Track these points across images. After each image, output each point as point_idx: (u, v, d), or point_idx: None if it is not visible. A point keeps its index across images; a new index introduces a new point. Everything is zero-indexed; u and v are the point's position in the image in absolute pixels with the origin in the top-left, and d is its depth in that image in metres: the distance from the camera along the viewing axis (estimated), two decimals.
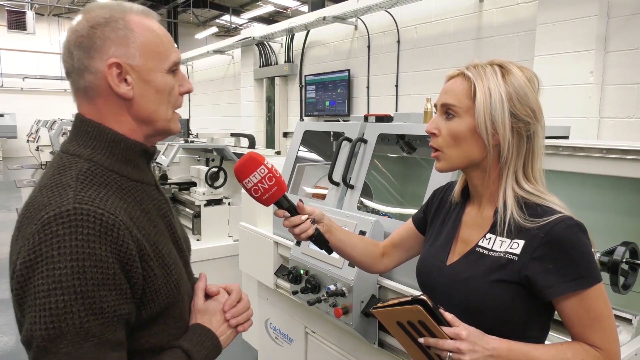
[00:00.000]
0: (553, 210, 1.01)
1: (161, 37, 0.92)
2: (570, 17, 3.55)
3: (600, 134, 3.62)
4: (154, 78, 0.90)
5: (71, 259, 0.75)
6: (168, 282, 0.90)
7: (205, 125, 9.69)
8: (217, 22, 18.57)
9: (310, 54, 6.87)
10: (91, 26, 0.87)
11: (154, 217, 0.94)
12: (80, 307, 0.76)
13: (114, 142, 0.90)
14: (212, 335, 0.99)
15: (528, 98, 1.03)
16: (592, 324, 0.97)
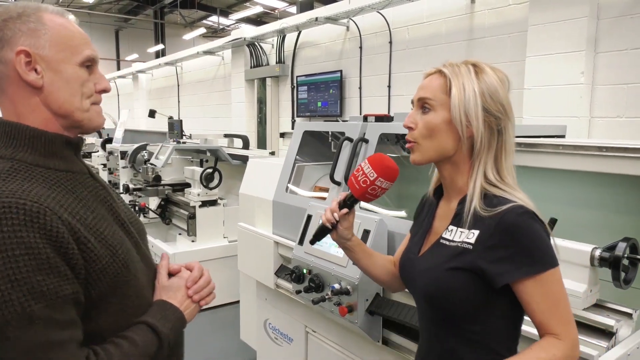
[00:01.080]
0: (507, 201, 1.04)
1: (74, 33, 0.96)
2: (561, 19, 3.61)
3: (591, 134, 3.69)
4: (64, 69, 0.94)
5: (0, 250, 0.78)
6: (115, 261, 0.93)
7: (194, 126, 9.63)
8: (204, 23, 18.49)
9: (301, 55, 6.87)
10: (4, 20, 0.91)
11: (91, 203, 0.97)
12: (19, 294, 0.78)
13: (34, 138, 0.92)
14: (175, 309, 1.04)
15: (499, 94, 1.09)
16: (550, 310, 1.00)
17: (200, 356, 3.45)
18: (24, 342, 0.78)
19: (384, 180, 1.18)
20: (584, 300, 1.56)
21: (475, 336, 1.09)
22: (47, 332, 0.80)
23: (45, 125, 0.95)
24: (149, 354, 0.95)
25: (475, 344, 1.09)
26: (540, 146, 1.83)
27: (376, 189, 1.18)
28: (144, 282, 1.04)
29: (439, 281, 1.08)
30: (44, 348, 0.80)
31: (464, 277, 1.05)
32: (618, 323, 1.55)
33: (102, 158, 6.21)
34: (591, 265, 1.55)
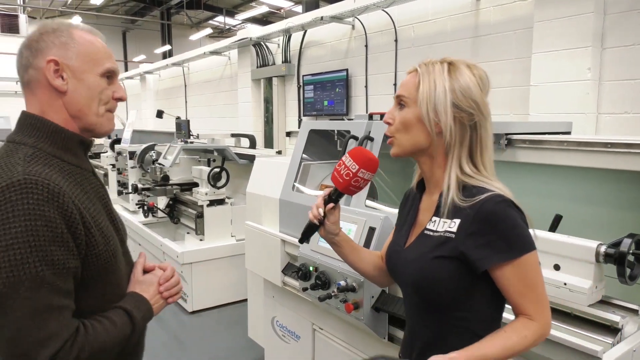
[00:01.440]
0: (486, 190, 1.09)
1: (99, 48, 1.10)
2: (566, 15, 3.59)
3: (598, 130, 3.67)
4: (87, 78, 1.07)
5: (24, 219, 0.90)
6: (107, 250, 1.07)
7: (201, 126, 9.68)
8: (210, 24, 18.55)
9: (307, 54, 6.89)
10: (41, 33, 1.06)
11: (92, 197, 1.10)
12: (35, 259, 0.90)
13: (55, 133, 1.06)
14: (146, 301, 1.17)
15: (471, 91, 1.12)
16: (526, 293, 1.06)
17: (209, 354, 3.48)
18: (32, 301, 0.89)
19: (365, 172, 1.23)
20: (589, 297, 1.56)
21: (460, 322, 1.14)
22: (52, 297, 0.92)
23: (64, 125, 1.08)
24: (124, 335, 1.07)
25: (460, 329, 1.13)
26: (544, 143, 1.84)
27: (359, 181, 1.23)
28: (124, 274, 1.18)
29: (425, 270, 1.13)
30: (47, 310, 0.91)
31: (449, 265, 1.10)
32: (624, 319, 1.55)
33: (111, 158, 6.26)
34: (596, 262, 1.56)
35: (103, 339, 1.01)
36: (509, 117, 4.34)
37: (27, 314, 0.89)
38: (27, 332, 0.89)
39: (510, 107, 4.33)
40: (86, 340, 0.97)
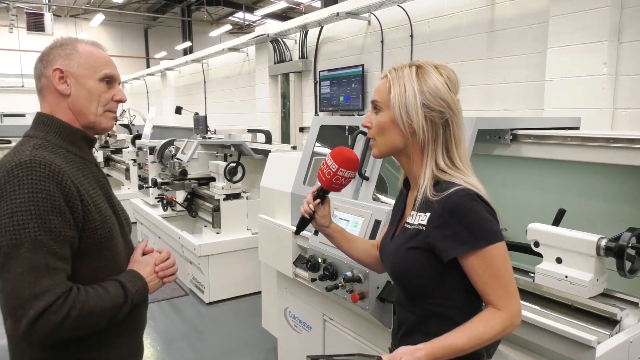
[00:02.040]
0: (454, 185, 1.15)
1: (98, 57, 1.27)
2: (582, 9, 3.56)
3: (615, 125, 3.63)
4: (87, 83, 1.24)
5: (27, 191, 1.05)
6: (103, 225, 1.21)
7: (220, 122, 9.81)
8: (230, 20, 18.69)
9: (324, 50, 6.93)
10: (51, 48, 1.25)
11: (93, 183, 1.25)
12: (35, 225, 1.04)
13: (63, 129, 1.23)
14: (141, 278, 1.29)
15: (439, 91, 1.19)
16: (491, 283, 1.10)
17: (224, 343, 3.58)
18: (30, 260, 1.03)
19: (345, 170, 1.34)
20: (590, 289, 1.59)
21: (439, 309, 1.20)
22: (48, 258, 1.05)
23: (70, 123, 1.26)
24: (117, 304, 1.18)
25: (440, 316, 1.20)
26: (549, 138, 1.86)
27: (340, 179, 1.35)
28: (121, 252, 1.31)
29: (401, 260, 1.22)
30: (43, 269, 1.04)
31: (420, 255, 1.18)
32: (623, 311, 1.58)
33: (132, 153, 6.42)
34: (597, 255, 1.58)
35: (94, 302, 1.12)
36: (523, 112, 4.32)
37: (25, 270, 1.02)
38: (25, 286, 1.01)
39: (525, 102, 4.32)
40: (77, 300, 1.08)
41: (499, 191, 2.38)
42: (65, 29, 17.73)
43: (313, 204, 1.39)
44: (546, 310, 1.72)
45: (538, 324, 1.46)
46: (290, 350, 2.89)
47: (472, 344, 1.10)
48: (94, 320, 1.13)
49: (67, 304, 1.05)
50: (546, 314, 1.66)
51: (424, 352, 1.09)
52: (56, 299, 1.04)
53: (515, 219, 2.04)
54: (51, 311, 1.03)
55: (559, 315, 1.67)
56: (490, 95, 4.64)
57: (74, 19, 17.72)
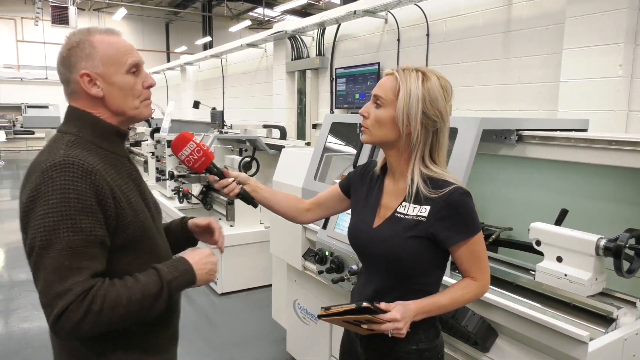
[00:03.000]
0: (449, 183, 1.31)
1: (118, 48, 1.22)
2: (599, 10, 3.55)
3: (629, 128, 3.61)
4: (116, 80, 1.22)
5: (60, 192, 1.07)
6: (136, 220, 1.21)
7: (238, 117, 9.93)
8: (250, 15, 18.82)
9: (340, 47, 6.97)
10: (68, 49, 1.20)
11: (125, 177, 1.25)
12: (65, 226, 1.06)
13: (95, 124, 1.23)
14: (186, 262, 1.24)
15: (438, 102, 1.31)
16: (474, 262, 1.33)
17: (235, 333, 3.67)
18: (56, 261, 1.05)
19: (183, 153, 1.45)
20: (589, 288, 1.63)
21: (421, 286, 1.36)
22: (74, 258, 1.07)
23: (109, 120, 1.25)
24: (150, 292, 1.15)
25: (419, 291, 1.34)
26: (553, 139, 1.89)
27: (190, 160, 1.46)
28: (160, 244, 1.31)
29: (401, 248, 1.32)
30: (68, 269, 1.06)
31: (420, 243, 1.33)
32: (619, 310, 1.61)
33: (150, 146, 6.55)
34: (596, 255, 1.62)
35: (117, 294, 1.10)
36: (537, 112, 4.32)
37: (51, 270, 1.05)
38: (51, 285, 1.05)
39: (539, 103, 4.31)
40: (97, 295, 1.07)
41: (504, 190, 2.42)
42: (89, 22, 18.07)
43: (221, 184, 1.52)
44: (545, 307, 1.76)
45: (535, 319, 1.50)
46: (299, 341, 2.97)
47: (452, 304, 1.34)
48: (120, 312, 1.10)
49: (86, 300, 1.06)
50: (545, 311, 1.70)
51: (414, 305, 1.29)
52: (76, 297, 1.05)
53: (519, 217, 2.08)
54: (71, 309, 1.04)
55: (558, 313, 1.71)
56: (505, 95, 4.64)
57: (98, 12, 18.05)
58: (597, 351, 1.40)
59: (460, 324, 1.63)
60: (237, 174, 1.55)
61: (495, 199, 2.42)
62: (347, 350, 1.56)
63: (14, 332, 3.55)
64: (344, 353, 1.58)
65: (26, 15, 17.40)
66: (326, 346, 2.64)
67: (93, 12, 17.90)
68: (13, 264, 5.13)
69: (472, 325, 1.63)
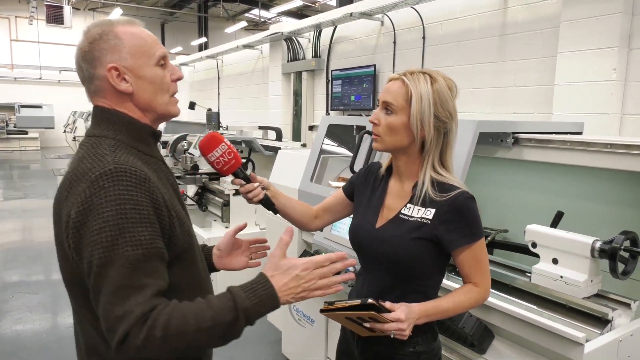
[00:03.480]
0: (455, 187, 1.32)
1: (145, 39, 1.13)
2: (594, 14, 3.58)
3: (622, 131, 3.65)
4: (145, 72, 1.11)
5: (115, 203, 0.96)
6: (182, 231, 1.11)
7: (234, 118, 9.92)
8: (246, 16, 18.82)
9: (337, 49, 6.99)
10: (90, 42, 1.08)
11: (165, 183, 1.14)
12: (123, 240, 0.95)
13: (130, 125, 1.12)
14: (269, 287, 1.04)
15: (448, 103, 1.32)
16: (476, 267, 1.33)
17: None
18: (117, 280, 0.94)
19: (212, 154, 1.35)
20: (584, 290, 1.64)
21: (420, 287, 1.36)
22: (134, 276, 0.95)
23: (138, 118, 1.14)
24: (222, 321, 0.99)
25: (418, 293, 1.35)
26: (549, 142, 1.91)
27: (220, 162, 1.37)
28: (198, 255, 1.21)
29: (404, 248, 1.34)
30: (128, 288, 0.94)
31: (424, 245, 1.33)
32: (614, 312, 1.62)
33: None
34: (592, 257, 1.63)
35: (183, 321, 0.96)
36: (532, 115, 4.35)
37: (111, 291, 0.94)
38: (111, 309, 0.93)
39: (534, 106, 4.34)
40: (158, 320, 0.94)
41: (500, 193, 2.43)
42: (84, 22, 18.00)
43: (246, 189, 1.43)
44: (541, 309, 1.77)
45: (531, 321, 1.51)
46: (294, 343, 2.96)
47: (454, 308, 1.32)
48: (187, 339, 0.96)
49: (146, 325, 0.93)
50: (541, 312, 1.71)
51: (417, 307, 1.27)
52: (136, 321, 0.93)
53: (515, 220, 2.10)
54: (132, 334, 0.93)
55: (553, 314, 1.72)
56: (500, 98, 4.66)
57: (93, 12, 17.99)
58: (593, 352, 1.41)
59: (457, 325, 1.64)
60: (261, 178, 1.49)
61: (491, 201, 2.43)
62: (344, 352, 1.56)
63: (7, 335, 3.53)
64: (341, 354, 1.59)
65: (20, 15, 17.31)
66: (322, 348, 2.64)
67: (88, 12, 17.84)
68: (6, 265, 5.09)
69: (469, 327, 1.64)
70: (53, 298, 4.21)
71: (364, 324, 1.24)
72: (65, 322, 3.70)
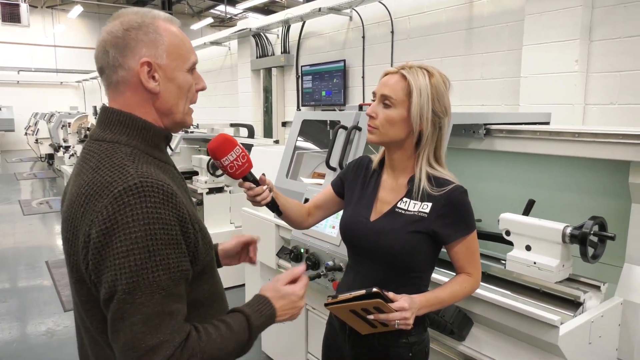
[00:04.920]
0: (449, 182, 1.36)
1: (183, 41, 1.06)
2: (556, 8, 3.69)
3: (586, 120, 3.78)
4: (177, 76, 1.04)
5: (143, 223, 0.87)
6: (205, 243, 1.04)
7: (202, 116, 9.79)
8: (212, 13, 18.55)
9: (306, 45, 6.98)
10: (125, 29, 0.99)
11: (182, 191, 1.05)
12: (153, 264, 0.88)
13: (145, 130, 1.02)
14: (270, 308, 1.10)
15: (444, 98, 1.35)
16: (468, 258, 1.38)
17: None
18: (146, 307, 0.87)
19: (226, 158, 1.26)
20: (557, 274, 1.70)
21: (413, 280, 1.39)
22: (165, 302, 0.89)
23: (152, 122, 1.05)
24: (241, 341, 1.01)
25: (411, 285, 1.38)
26: (519, 132, 1.96)
27: (233, 166, 1.28)
28: (214, 262, 1.17)
29: (401, 242, 1.36)
30: (159, 316, 0.88)
31: (421, 238, 1.35)
32: (586, 294, 1.69)
33: None
34: (563, 242, 1.69)
35: (216, 346, 0.96)
36: (500, 107, 4.45)
37: (140, 319, 0.87)
38: (141, 338, 0.87)
39: (502, 98, 4.45)
40: (198, 346, 0.92)
41: (473, 183, 2.48)
42: (42, 20, 17.40)
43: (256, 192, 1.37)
44: (516, 294, 1.83)
45: (508, 306, 1.55)
46: (274, 339, 2.96)
47: (452, 298, 1.37)
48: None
49: (185, 353, 0.90)
50: (516, 298, 1.77)
51: (418, 298, 1.30)
52: (174, 350, 0.88)
53: (489, 209, 2.14)
54: None
55: (528, 299, 1.78)
56: (468, 91, 4.76)
57: (51, 10, 17.39)
58: (567, 334, 1.46)
59: (437, 314, 1.67)
60: (269, 180, 1.44)
61: None
62: (330, 346, 1.57)
63: None
64: (327, 349, 1.59)
65: None
66: (302, 345, 2.64)
67: (46, 10, 17.23)
68: None
69: (449, 315, 1.67)
70: (22, 306, 4.08)
71: (368, 316, 1.24)
72: (37, 331, 3.60)
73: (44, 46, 17.56)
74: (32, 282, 4.67)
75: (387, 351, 1.41)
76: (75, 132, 9.04)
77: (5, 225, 6.88)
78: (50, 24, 17.48)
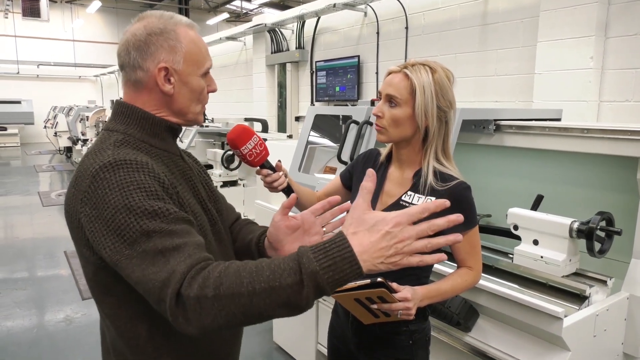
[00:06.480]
0: (454, 177, 1.39)
1: (200, 48, 1.12)
2: (572, 4, 3.67)
3: (600, 117, 3.76)
4: (191, 80, 1.10)
5: (119, 188, 0.94)
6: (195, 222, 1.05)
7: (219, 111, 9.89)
8: (227, 8, 18.65)
9: (320, 41, 7.01)
10: (148, 33, 1.06)
11: (179, 177, 1.12)
12: (136, 217, 0.92)
13: (143, 119, 1.10)
14: (345, 247, 0.81)
15: (448, 93, 1.38)
16: (471, 252, 1.41)
17: None
18: (147, 253, 0.90)
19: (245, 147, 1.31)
20: (563, 269, 1.72)
21: (414, 271, 1.41)
22: (163, 241, 0.91)
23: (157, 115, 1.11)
24: (283, 284, 0.81)
25: (412, 276, 1.41)
26: (529, 128, 1.98)
27: (252, 154, 1.33)
28: (217, 251, 1.13)
29: None
30: (162, 253, 0.90)
31: None
32: (592, 288, 1.71)
33: None
34: (570, 237, 1.71)
35: (238, 277, 0.84)
36: (514, 104, 4.44)
37: (148, 263, 0.90)
38: (154, 279, 0.88)
39: (515, 94, 4.44)
40: (210, 275, 0.85)
41: (483, 178, 2.51)
42: (62, 15, 17.66)
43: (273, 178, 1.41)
44: (523, 287, 1.85)
45: (514, 299, 1.59)
46: (285, 331, 3.02)
47: (452, 290, 1.41)
48: (243, 304, 0.82)
49: (196, 282, 0.85)
50: (522, 291, 1.79)
51: (420, 290, 1.33)
52: (182, 277, 0.86)
53: (498, 204, 2.17)
54: (182, 294, 0.85)
55: (535, 292, 1.80)
56: (482, 87, 4.75)
57: (70, 5, 17.65)
58: (571, 326, 1.49)
59: (444, 305, 1.70)
60: (284, 167, 1.47)
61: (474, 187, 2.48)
62: (336, 335, 1.62)
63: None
64: (333, 337, 1.64)
65: None
66: (312, 335, 2.70)
67: (65, 5, 17.50)
68: None
69: (455, 307, 1.71)
70: (41, 294, 4.19)
71: (372, 306, 1.28)
72: (56, 318, 3.71)
73: (63, 41, 17.82)
74: (50, 271, 4.79)
75: (389, 338, 1.45)
76: (93, 125, 9.20)
77: (25, 216, 7.05)
78: (69, 18, 17.74)
